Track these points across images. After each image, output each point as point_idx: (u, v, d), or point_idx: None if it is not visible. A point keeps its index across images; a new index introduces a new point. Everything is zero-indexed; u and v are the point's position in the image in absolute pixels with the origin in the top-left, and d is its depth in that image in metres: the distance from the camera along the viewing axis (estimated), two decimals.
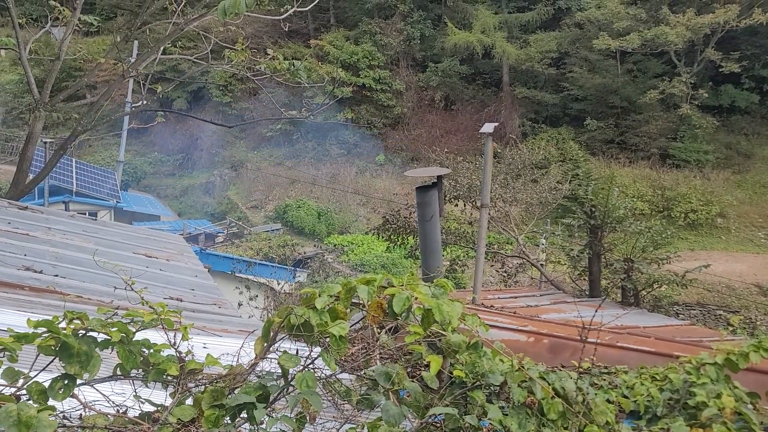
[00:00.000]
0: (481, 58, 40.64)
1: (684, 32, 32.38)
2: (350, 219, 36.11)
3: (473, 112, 41.03)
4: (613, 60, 36.97)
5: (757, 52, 35.41)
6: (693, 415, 3.89)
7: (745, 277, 29.07)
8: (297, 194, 39.23)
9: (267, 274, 16.64)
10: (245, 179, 42.57)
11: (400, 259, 31.67)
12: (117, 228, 10.05)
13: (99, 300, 6.47)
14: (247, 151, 45.41)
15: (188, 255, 9.44)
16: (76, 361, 2.70)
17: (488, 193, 8.08)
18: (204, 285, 8.35)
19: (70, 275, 7.28)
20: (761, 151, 35.86)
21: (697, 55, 35.16)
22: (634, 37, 33.24)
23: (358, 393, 3.19)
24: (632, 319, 7.99)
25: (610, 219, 10.38)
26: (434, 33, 42.39)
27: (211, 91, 46.19)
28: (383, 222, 15.54)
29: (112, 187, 34.72)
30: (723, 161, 35.20)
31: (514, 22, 39.96)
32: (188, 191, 44.60)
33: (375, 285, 2.95)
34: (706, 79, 36.15)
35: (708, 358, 4.07)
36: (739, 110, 36.73)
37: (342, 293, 2.98)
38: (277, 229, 34.63)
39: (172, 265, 8.68)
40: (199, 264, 9.21)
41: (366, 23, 42.50)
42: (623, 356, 5.71)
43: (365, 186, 39.04)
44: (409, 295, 2.88)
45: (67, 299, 6.23)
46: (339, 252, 32.40)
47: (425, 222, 5.33)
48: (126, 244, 9.03)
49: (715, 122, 35.43)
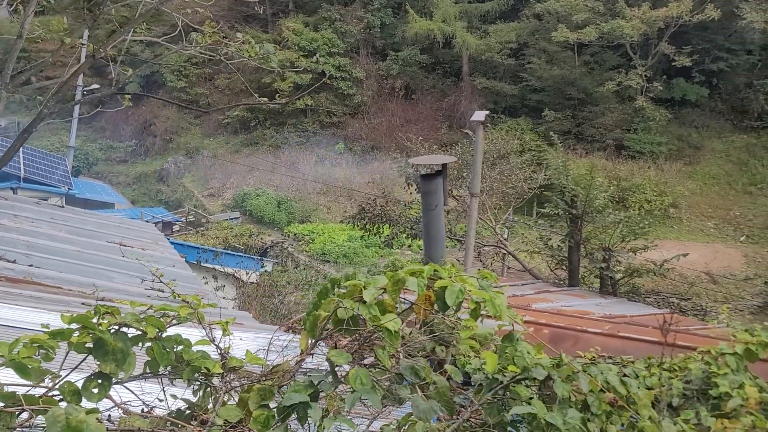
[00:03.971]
0: (442, 48, 40.69)
1: (639, 25, 33.04)
2: (310, 208, 35.78)
3: (433, 101, 41.09)
4: (571, 52, 37.47)
5: (707, 47, 36.39)
6: (716, 405, 3.89)
7: (696, 265, 29.96)
8: (255, 182, 38.63)
9: (233, 263, 16.30)
10: (201, 166, 41.69)
11: (362, 249, 31.58)
12: (87, 216, 9.64)
13: (80, 291, 6.16)
14: (202, 138, 44.46)
15: (163, 244, 9.13)
16: (111, 359, 2.50)
17: (478, 182, 8.04)
18: (183, 275, 8.08)
19: (46, 265, 6.93)
20: (710, 143, 36.97)
21: (651, 48, 35.94)
22: (592, 29, 33.75)
23: (382, 388, 3.06)
24: (616, 308, 8.08)
25: (591, 209, 10.49)
26: (395, 21, 42.22)
27: (165, 75, 44.98)
28: (359, 211, 15.35)
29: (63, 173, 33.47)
30: (675, 153, 36.17)
31: (474, 12, 40.09)
32: (142, 178, 43.45)
33: (424, 276, 2.83)
34: (659, 72, 37.00)
35: (727, 348, 4.08)
36: (690, 103, 37.76)
37: (389, 285, 2.84)
38: (235, 217, 34.05)
39: (149, 255, 8.37)
40: (175, 253, 8.92)
41: (326, 9, 42.01)
42: (625, 346, 5.71)
43: (325, 174, 38.71)
44: (462, 287, 2.77)
45: (47, 290, 5.92)
46: (300, 241, 32.09)
47: (430, 211, 5.22)
48: (99, 233, 8.67)
49: (668, 115, 36.33)
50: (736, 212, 33.33)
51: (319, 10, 42.31)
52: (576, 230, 10.68)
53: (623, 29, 32.76)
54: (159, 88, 46.02)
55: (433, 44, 40.51)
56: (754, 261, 30.58)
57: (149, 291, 7.14)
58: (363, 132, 40.95)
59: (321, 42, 40.22)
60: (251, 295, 14.87)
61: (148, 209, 31.70)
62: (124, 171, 44.34)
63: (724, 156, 36.16)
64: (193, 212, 32.50)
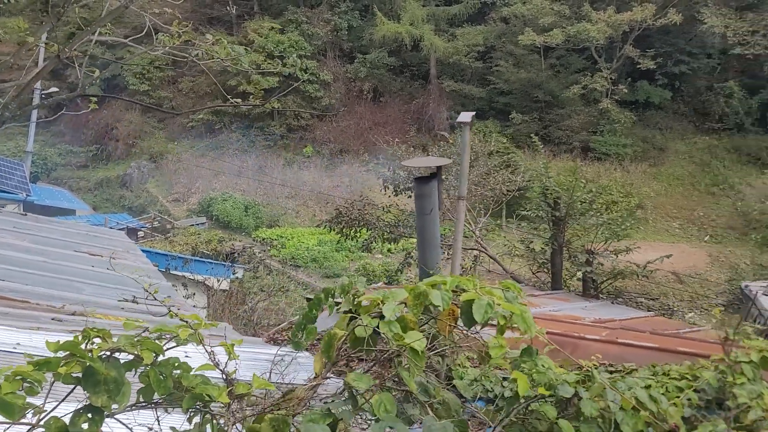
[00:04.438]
0: (409, 51, 40.63)
1: (605, 29, 33.45)
2: (279, 212, 35.31)
3: (401, 104, 41.00)
4: (537, 55, 37.76)
5: (670, 50, 37.06)
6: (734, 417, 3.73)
7: (663, 265, 30.38)
8: (222, 187, 38.00)
9: (203, 271, 15.85)
10: (166, 171, 40.85)
11: (332, 253, 31.25)
12: (52, 224, 9.17)
13: (49, 305, 5.77)
14: (167, 142, 43.57)
15: (134, 252, 8.73)
16: (103, 390, 2.20)
17: (465, 185, 7.86)
18: (158, 285, 7.70)
19: (9, 277, 6.51)
20: (674, 145, 37.60)
21: (616, 51, 36.42)
22: (558, 32, 34.04)
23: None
24: (603, 312, 7.97)
25: (574, 211, 10.42)
26: (362, 24, 42.03)
27: (127, 78, 43.96)
28: (336, 215, 15.05)
29: (21, 179, 32.38)
30: (640, 154, 36.68)
31: (441, 15, 40.14)
32: (103, 184, 42.34)
33: (448, 289, 2.60)
34: (623, 75, 37.53)
35: (743, 356, 3.93)
36: (653, 106, 38.37)
37: (410, 299, 2.60)
38: (201, 223, 33.40)
39: (120, 264, 7.97)
40: (147, 262, 8.52)
41: (292, 12, 41.62)
42: (625, 353, 5.55)
43: (293, 178, 38.28)
44: (491, 301, 2.54)
45: (13, 305, 5.52)
46: (269, 246, 31.62)
47: (424, 215, 5.00)
48: (65, 242, 8.23)
49: (633, 117, 36.87)
50: (699, 212, 33.93)
51: (285, 13, 41.89)
52: (559, 233, 10.60)
53: (589, 32, 33.13)
54: (121, 92, 44.91)
55: (401, 47, 40.43)
56: (717, 260, 31.12)
57: (122, 303, 6.76)
58: (331, 135, 40.63)
59: (287, 44, 39.80)
60: (223, 303, 14.46)
61: (111, 215, 30.87)
62: (85, 176, 43.16)
63: (687, 157, 36.81)
64: (159, 218, 31.75)
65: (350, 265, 30.68)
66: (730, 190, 34.17)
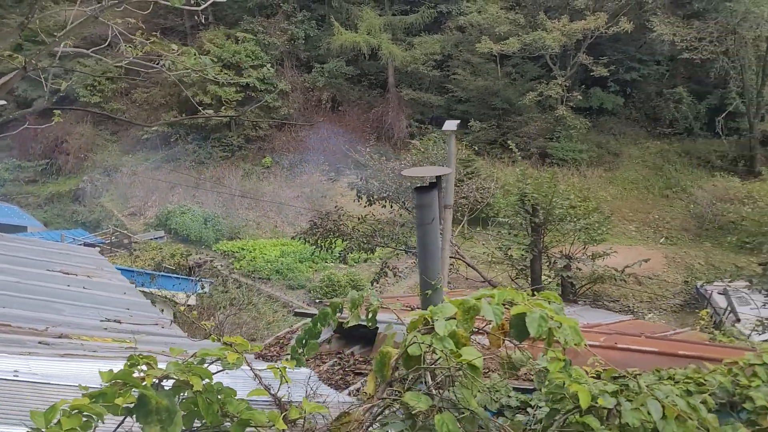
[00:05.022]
0: (367, 60, 40.68)
1: (559, 37, 34.12)
2: (239, 224, 34.79)
3: (360, 113, 41.00)
4: (494, 63, 38.27)
5: (621, 58, 38.07)
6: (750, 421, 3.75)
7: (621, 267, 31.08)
8: (179, 199, 37.26)
9: (170, 286, 15.47)
10: (120, 184, 39.84)
11: (295, 264, 30.94)
12: (20, 242, 8.79)
13: (31, 328, 5.50)
14: (120, 155, 42.51)
15: (109, 270, 8.42)
16: (156, 420, 2.06)
17: (452, 194, 7.84)
18: (138, 303, 7.44)
19: None
20: (628, 149, 38.58)
21: (569, 59, 37.18)
22: (514, 41, 34.59)
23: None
24: (588, 316, 8.04)
25: (553, 217, 10.53)
26: (319, 33, 41.91)
27: (77, 90, 42.74)
28: (311, 226, 14.85)
29: None
30: (596, 159, 37.49)
31: (398, 25, 40.33)
32: (54, 199, 41.04)
33: (498, 303, 2.54)
34: (577, 82, 38.34)
35: (755, 359, 3.97)
36: (607, 112, 39.32)
37: (459, 314, 2.53)
38: (160, 237, 32.67)
39: (97, 282, 7.68)
40: (124, 280, 8.24)
41: (248, 22, 41.22)
42: (626, 358, 5.58)
43: (253, 189, 37.81)
44: (544, 314, 2.49)
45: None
46: (230, 258, 31.12)
47: (425, 225, 4.92)
48: (36, 261, 7.89)
49: (587, 123, 37.66)
50: (654, 215, 34.82)
51: (241, 22, 41.45)
52: (538, 239, 10.70)
53: (545, 41, 33.75)
54: (71, 104, 43.66)
55: (358, 56, 40.46)
56: (673, 261, 31.94)
57: (104, 323, 6.50)
58: (290, 145, 40.33)
59: (244, 54, 39.38)
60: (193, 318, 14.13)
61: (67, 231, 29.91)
62: (35, 191, 41.75)
63: (640, 162, 37.78)
64: (117, 232, 30.92)
65: (314, 275, 30.42)
66: (683, 192, 35.20)
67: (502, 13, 36.12)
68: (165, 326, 6.94)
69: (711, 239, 32.31)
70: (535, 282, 11.01)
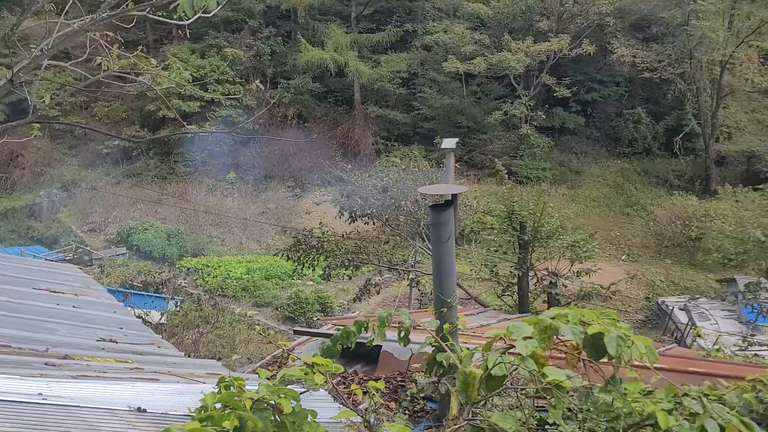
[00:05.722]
0: (333, 76, 40.76)
1: (524, 58, 34.81)
2: (204, 240, 34.21)
3: (326, 129, 40.95)
4: (459, 82, 38.80)
5: (582, 79, 39.02)
6: None
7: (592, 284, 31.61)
8: (141, 215, 36.50)
9: (142, 304, 15.10)
10: (79, 200, 38.82)
11: (262, 281, 30.57)
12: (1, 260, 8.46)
13: (32, 349, 5.28)
14: (79, 170, 41.49)
15: (96, 288, 8.18)
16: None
17: None
18: (130, 322, 7.23)
19: None
20: (589, 168, 39.41)
21: (533, 79, 37.94)
22: (481, 61, 35.14)
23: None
24: None
25: (540, 235, 10.66)
26: (285, 50, 41.85)
27: (35, 104, 41.60)
28: (294, 243, 14.66)
29: None
30: (558, 178, 38.20)
31: (364, 42, 40.58)
32: (8, 215, 39.68)
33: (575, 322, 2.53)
34: (540, 102, 39.11)
35: None
36: (569, 131, 40.16)
37: (536, 333, 2.52)
38: (122, 253, 31.89)
39: (85, 301, 7.43)
40: (111, 298, 8.00)
41: (213, 36, 40.90)
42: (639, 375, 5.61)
43: (217, 205, 37.30)
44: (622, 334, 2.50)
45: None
46: (195, 276, 30.56)
47: (441, 243, 4.91)
48: (21, 279, 7.60)
49: (550, 142, 38.42)
50: (616, 233, 35.56)
51: (206, 37, 41.10)
52: (526, 256, 10.81)
53: (509, 62, 34.37)
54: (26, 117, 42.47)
55: (324, 73, 40.50)
56: (635, 278, 32.62)
57: (101, 343, 6.30)
58: (255, 161, 39.96)
59: (209, 69, 39.03)
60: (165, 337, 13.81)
61: (26, 248, 28.94)
62: None
63: (601, 180, 38.63)
64: (81, 249, 30.06)
65: (281, 293, 30.09)
66: (643, 210, 36.09)
67: (468, 33, 36.71)
68: (161, 345, 6.76)
69: (671, 256, 33.14)
70: (523, 299, 11.11)
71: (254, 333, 16.90)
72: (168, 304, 15.30)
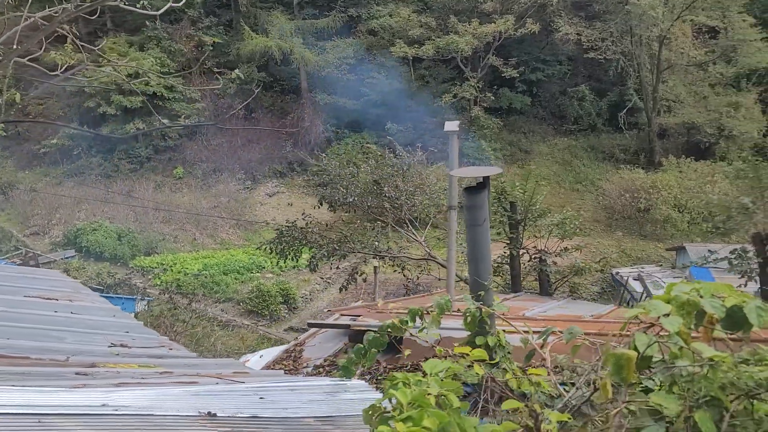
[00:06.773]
0: (279, 65, 40.06)
1: (471, 40, 35.00)
2: (156, 238, 33.22)
3: (275, 119, 40.30)
4: (407, 66, 38.73)
5: (526, 59, 39.56)
6: None
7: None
8: (87, 216, 35.12)
9: None
10: (18, 203, 37.08)
11: (220, 276, 29.97)
12: None
13: (53, 359, 4.96)
14: (15, 171, 39.66)
15: (87, 293, 7.79)
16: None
17: (456, 194, 7.77)
18: (133, 325, 6.91)
19: None
20: (537, 147, 40.10)
21: (479, 61, 38.22)
22: (429, 45, 35.14)
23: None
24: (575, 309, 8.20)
25: (532, 214, 10.71)
26: (227, 39, 40.86)
27: None
28: (277, 235, 14.28)
29: None
30: (509, 157, 38.72)
31: (308, 29, 39.98)
32: None
33: (710, 296, 2.47)
34: (488, 83, 39.47)
35: None
36: (516, 111, 40.72)
37: (674, 310, 2.44)
38: (71, 256, 30.68)
39: (82, 307, 7.06)
40: (106, 302, 7.63)
41: (151, 28, 39.50)
42: None
43: (166, 201, 36.25)
44: (760, 304, 2.45)
45: (16, 363, 4.69)
46: (150, 274, 29.69)
47: (476, 227, 4.82)
48: (7, 287, 7.14)
49: (499, 122, 38.85)
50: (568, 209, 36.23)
51: (144, 29, 39.67)
52: (517, 236, 10.85)
53: (458, 44, 34.49)
54: None
55: (269, 61, 39.76)
56: (589, 251, 33.44)
57: (114, 348, 6.00)
58: (203, 154, 39.03)
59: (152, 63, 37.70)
60: None
61: None
62: None
63: (550, 158, 39.38)
64: (31, 254, 28.74)
65: (241, 287, 29.56)
66: (592, 186, 37.00)
67: (414, 16, 36.62)
68: (171, 347, 6.48)
69: (621, 228, 34.11)
70: (515, 278, 11.19)
71: (226, 330, 16.53)
72: (137, 306, 14.74)
